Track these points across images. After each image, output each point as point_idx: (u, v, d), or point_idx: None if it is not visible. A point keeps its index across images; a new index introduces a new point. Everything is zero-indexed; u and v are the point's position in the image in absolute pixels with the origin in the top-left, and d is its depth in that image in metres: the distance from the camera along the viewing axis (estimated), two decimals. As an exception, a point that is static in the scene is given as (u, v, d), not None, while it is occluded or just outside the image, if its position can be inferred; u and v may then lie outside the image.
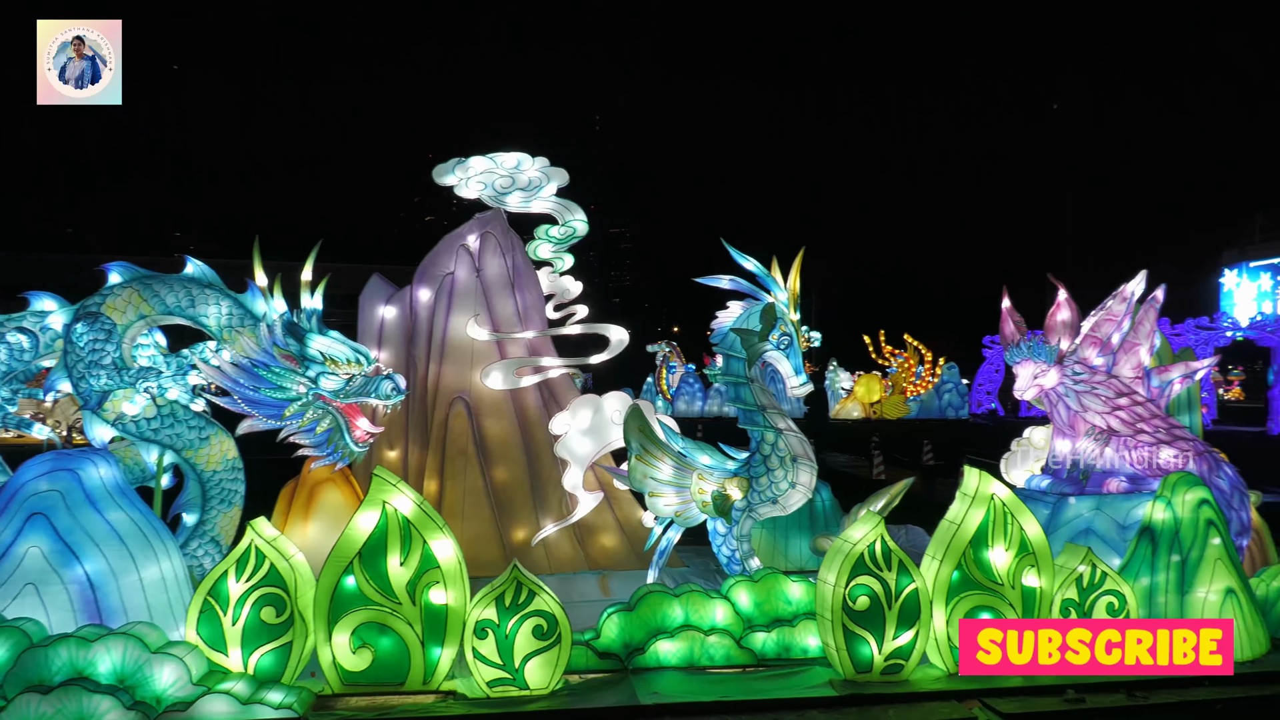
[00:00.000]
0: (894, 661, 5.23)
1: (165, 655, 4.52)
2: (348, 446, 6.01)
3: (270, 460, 7.16)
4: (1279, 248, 58.73)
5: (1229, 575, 5.65)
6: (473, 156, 7.59)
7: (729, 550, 6.31)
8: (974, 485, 5.46)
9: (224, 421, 6.10)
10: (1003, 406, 36.80)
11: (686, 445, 6.36)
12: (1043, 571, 5.45)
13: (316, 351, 5.85)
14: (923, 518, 7.14)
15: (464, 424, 7.65)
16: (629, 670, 5.35)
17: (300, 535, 6.81)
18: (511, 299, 7.86)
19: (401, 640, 4.93)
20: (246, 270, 6.10)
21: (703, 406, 37.30)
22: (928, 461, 17.10)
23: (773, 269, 6.32)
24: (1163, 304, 6.75)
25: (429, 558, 4.94)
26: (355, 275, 9.43)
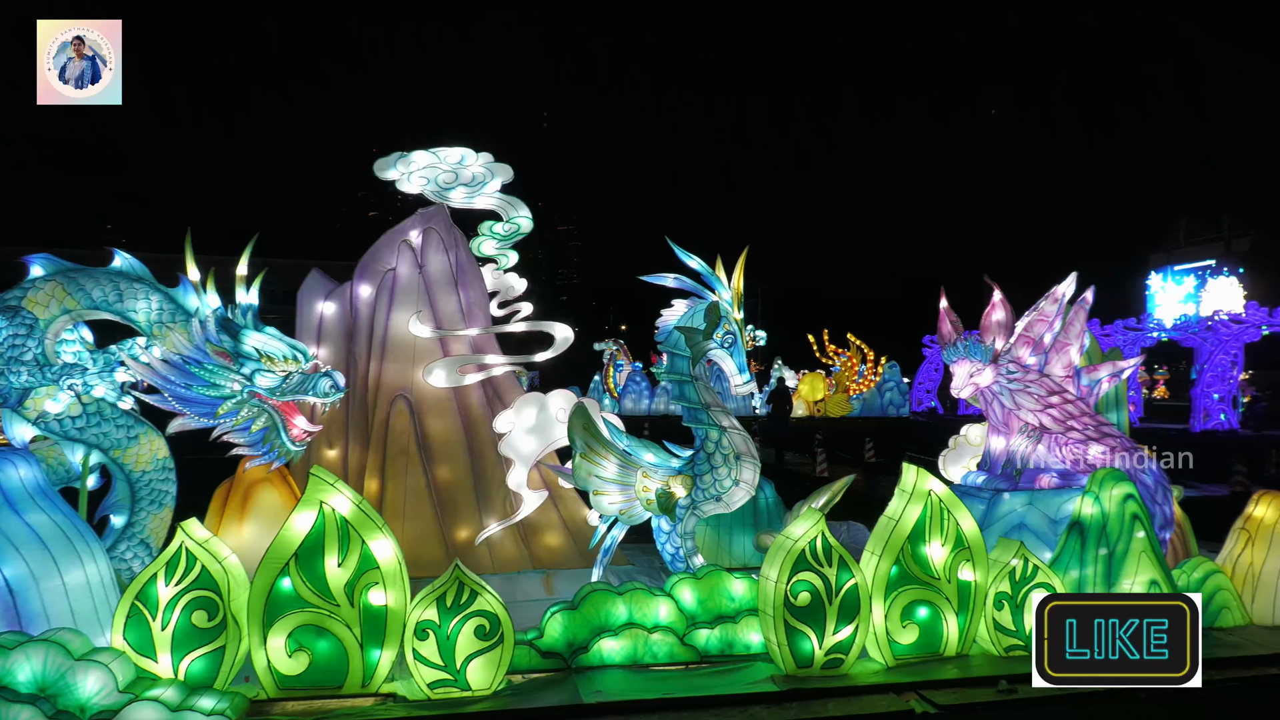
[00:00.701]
0: (834, 656, 5.31)
1: (90, 662, 4.35)
2: (284, 445, 5.87)
3: (204, 460, 6.97)
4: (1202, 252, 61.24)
5: (1153, 567, 5.87)
6: (415, 151, 7.47)
7: (673, 548, 6.33)
8: (912, 482, 5.57)
9: (154, 420, 5.91)
10: (942, 405, 37.63)
11: (631, 443, 6.37)
12: (977, 565, 5.59)
13: (252, 348, 5.70)
14: (864, 514, 7.26)
15: (406, 422, 7.54)
16: (572, 669, 5.33)
17: (235, 537, 6.64)
18: (455, 296, 7.76)
19: (339, 643, 4.84)
20: (178, 264, 5.91)
21: (650, 405, 37.39)
22: (869, 459, 17.40)
23: (717, 268, 6.35)
24: (1092, 305, 6.96)
25: (368, 558, 4.86)
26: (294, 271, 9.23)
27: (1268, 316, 25.65)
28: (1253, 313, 26.29)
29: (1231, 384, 26.08)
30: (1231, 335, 25.81)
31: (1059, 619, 4.99)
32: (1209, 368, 25.92)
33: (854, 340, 37.93)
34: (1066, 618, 4.99)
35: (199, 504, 6.59)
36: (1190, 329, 28.37)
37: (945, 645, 5.57)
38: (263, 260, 6.82)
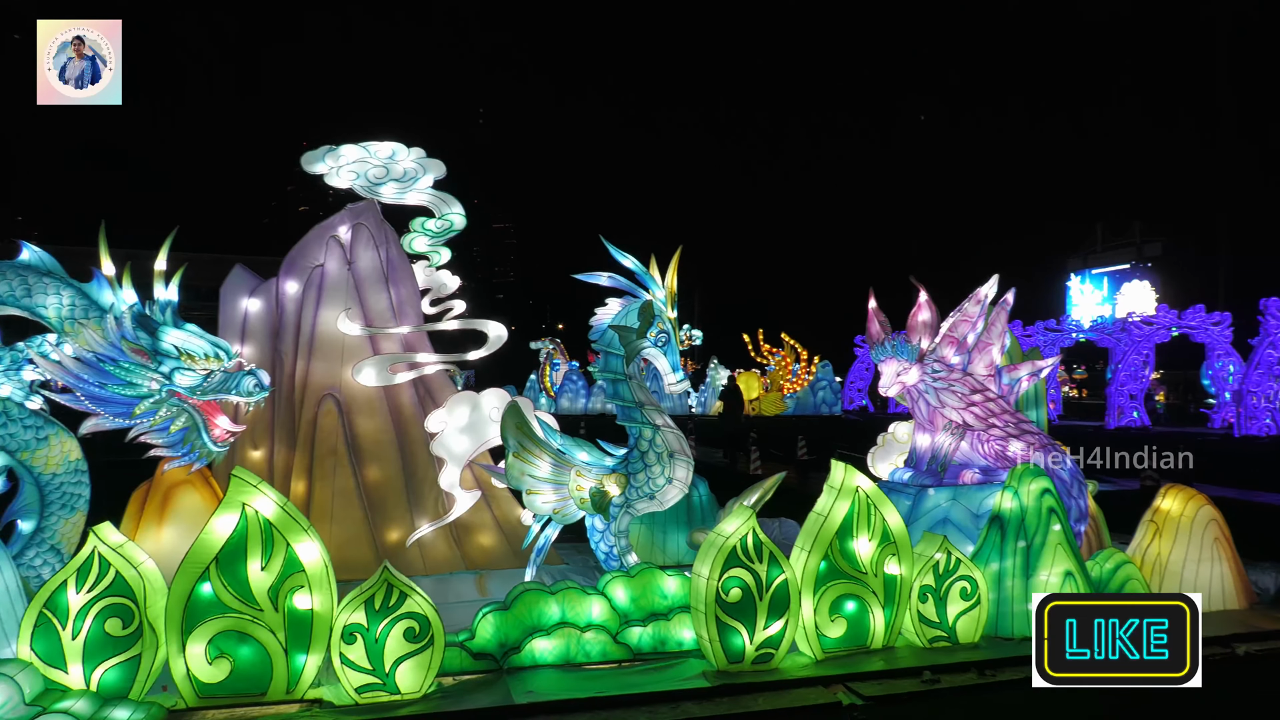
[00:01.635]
0: (765, 651, 5.38)
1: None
2: (205, 446, 5.69)
3: (120, 462, 6.71)
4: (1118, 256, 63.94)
5: (1068, 559, 6.09)
6: (345, 145, 7.31)
7: (607, 546, 6.33)
8: (840, 479, 5.68)
9: (66, 420, 5.67)
10: (873, 403, 38.46)
11: (565, 442, 6.35)
12: (903, 560, 5.73)
13: (171, 345, 5.51)
14: (797, 511, 7.37)
15: (334, 422, 7.38)
16: (504, 670, 5.29)
17: (154, 541, 6.41)
18: (385, 293, 7.63)
19: (263, 648, 4.71)
20: (92, 258, 5.68)
21: (586, 404, 37.35)
22: (802, 456, 17.66)
23: (651, 267, 6.37)
24: (1015, 307, 7.20)
25: (293, 561, 4.74)
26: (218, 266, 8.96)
27: (1177, 318, 26.88)
28: (1163, 314, 27.53)
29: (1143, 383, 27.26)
30: (1144, 336, 26.98)
31: (1059, 619, 4.97)
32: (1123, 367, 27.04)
33: (788, 340, 38.51)
34: (1067, 618, 4.98)
35: (115, 508, 6.34)
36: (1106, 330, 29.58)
37: (872, 638, 5.70)
38: (184, 255, 6.61)
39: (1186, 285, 48.88)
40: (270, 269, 7.85)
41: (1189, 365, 35.55)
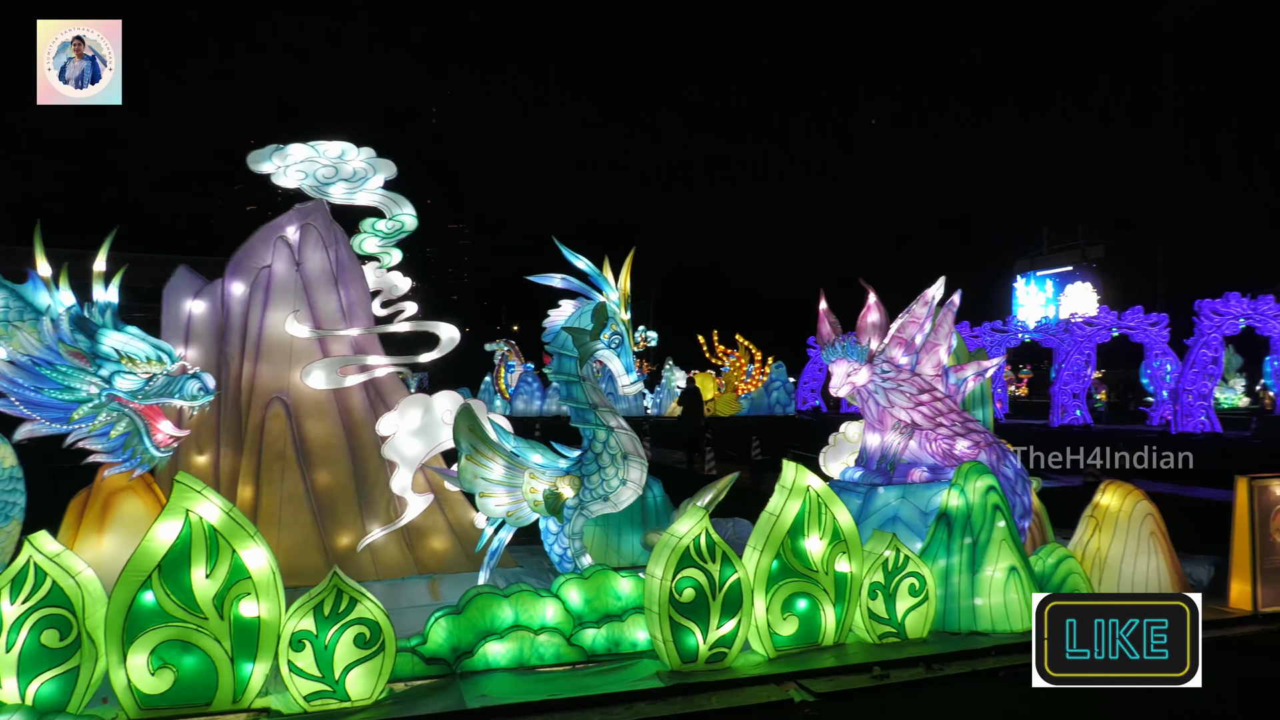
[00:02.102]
0: (718, 650, 5.42)
1: (-78, 690, 4.02)
2: (147, 451, 5.56)
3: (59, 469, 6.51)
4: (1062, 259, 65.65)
5: (1012, 554, 6.24)
6: (292, 144, 7.19)
7: (561, 548, 6.33)
8: (791, 478, 5.75)
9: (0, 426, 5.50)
10: (825, 404, 38.93)
11: (518, 444, 6.33)
12: (853, 557, 5.82)
13: (110, 348, 5.37)
14: (751, 511, 7.43)
15: (282, 426, 7.25)
16: (457, 674, 5.26)
17: (94, 550, 6.22)
18: (335, 294, 7.52)
19: (208, 657, 4.62)
20: (27, 258, 5.51)
21: (542, 406, 37.20)
22: (756, 457, 17.80)
23: (604, 269, 6.38)
24: (964, 308, 7.36)
25: (239, 568, 4.65)
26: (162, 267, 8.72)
27: (1117, 319, 27.69)
28: (1104, 315, 28.34)
29: (1085, 382, 28.02)
30: (1086, 336, 27.73)
31: (1059, 619, 4.98)
32: (1066, 367, 27.75)
33: (742, 341, 38.78)
34: (1066, 618, 4.98)
35: (53, 516, 6.15)
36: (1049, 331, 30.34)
37: (823, 635, 5.77)
38: (126, 256, 6.45)
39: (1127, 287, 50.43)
40: (216, 270, 7.68)
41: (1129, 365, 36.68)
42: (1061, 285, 62.77)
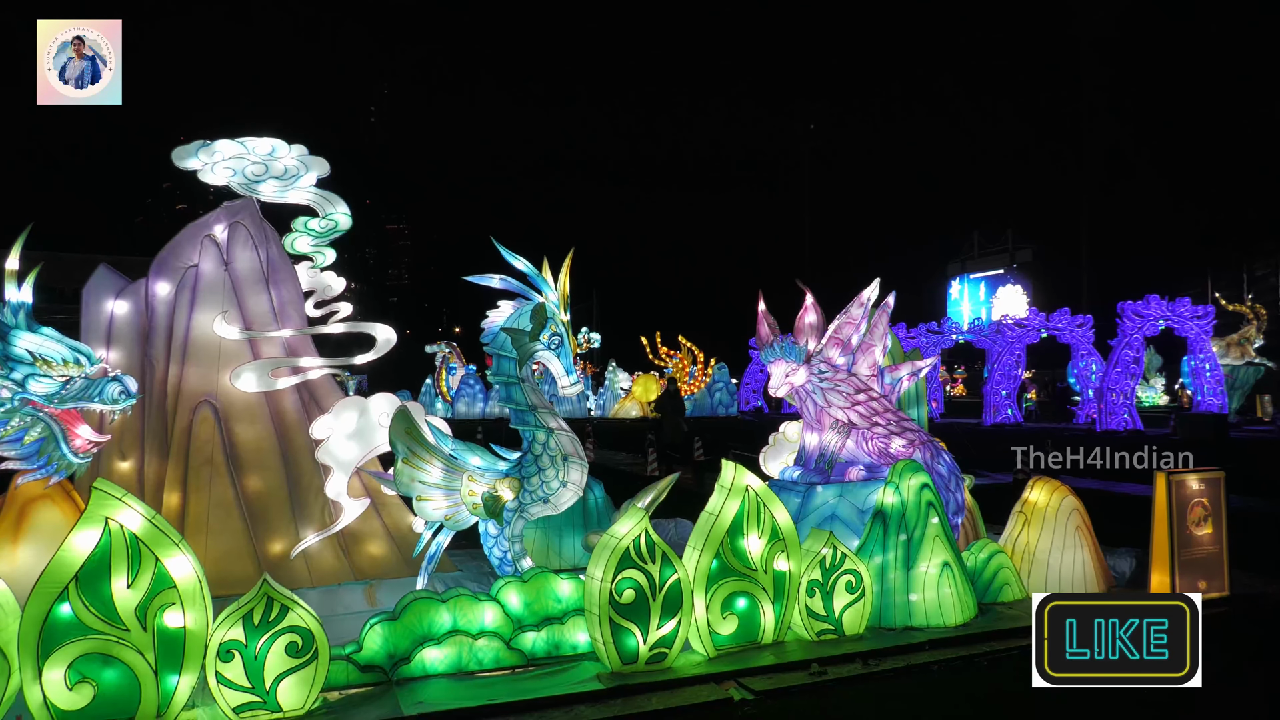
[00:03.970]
0: (658, 650, 5.43)
1: None
2: (64, 458, 5.34)
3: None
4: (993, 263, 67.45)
5: (945, 550, 6.38)
6: (220, 140, 6.98)
7: (500, 552, 6.25)
8: (730, 478, 5.79)
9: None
10: (767, 404, 39.35)
11: (456, 447, 6.24)
12: (791, 556, 5.89)
13: (24, 350, 5.14)
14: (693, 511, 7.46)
15: (211, 430, 7.03)
16: (394, 682, 5.16)
17: (8, 561, 5.95)
18: (265, 295, 7.32)
19: (130, 670, 4.44)
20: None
21: (484, 408, 36.87)
22: (699, 458, 17.91)
23: (543, 269, 6.34)
24: (899, 309, 7.50)
25: (163, 577, 4.49)
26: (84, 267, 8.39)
27: (1045, 320, 28.58)
28: (1033, 317, 29.23)
29: (1016, 381, 28.85)
30: (1016, 338, 28.55)
31: (1059, 619, 4.98)
32: (998, 367, 28.54)
33: (685, 342, 38.99)
34: (1066, 618, 4.98)
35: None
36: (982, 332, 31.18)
37: (763, 633, 5.82)
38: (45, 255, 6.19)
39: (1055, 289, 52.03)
40: (140, 270, 7.41)
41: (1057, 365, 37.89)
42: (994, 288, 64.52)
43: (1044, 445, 13.13)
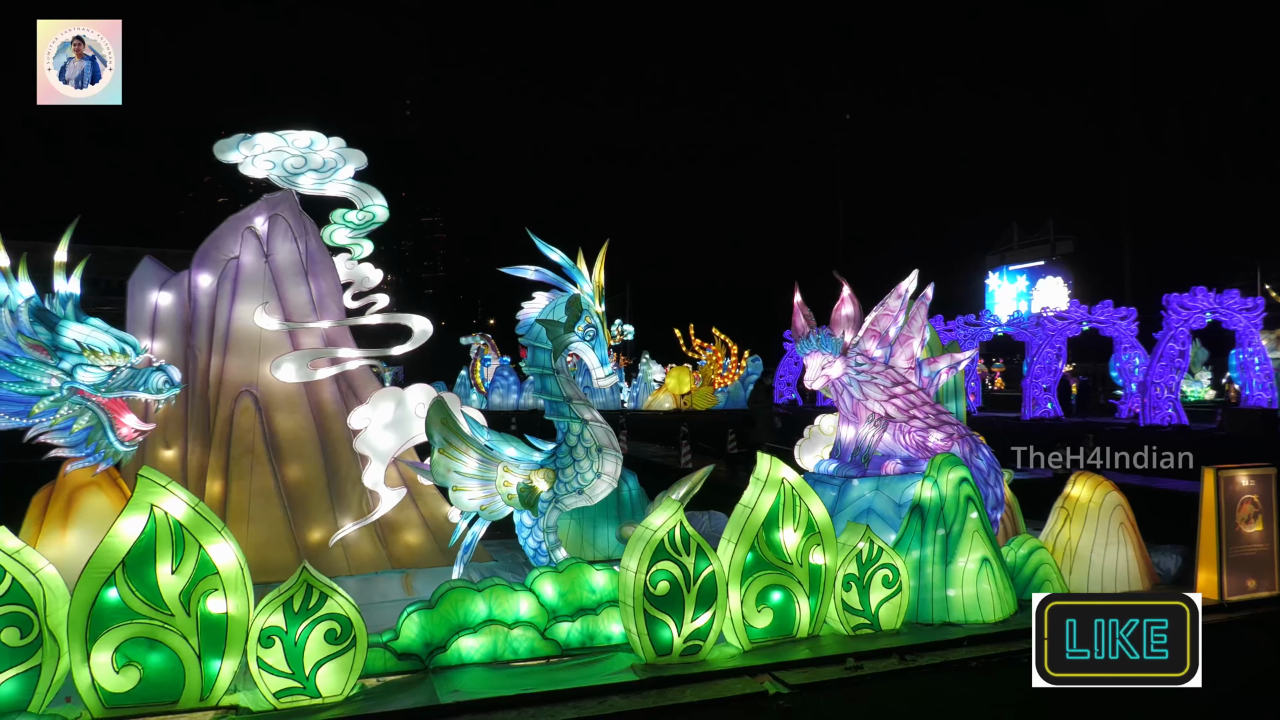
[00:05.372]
0: (693, 643, 5.42)
1: (-125, 691, 3.92)
2: (111, 446, 5.45)
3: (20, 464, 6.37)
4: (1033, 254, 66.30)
5: (984, 545, 6.29)
6: (260, 133, 7.07)
7: (535, 542, 6.28)
8: (766, 471, 5.75)
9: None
10: (801, 397, 39.11)
11: (492, 438, 6.27)
12: (827, 549, 5.84)
13: (72, 340, 5.25)
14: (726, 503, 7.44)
15: (252, 419, 7.14)
16: (430, 670, 5.21)
17: (57, 546, 6.09)
18: (305, 286, 7.41)
19: (174, 655, 4.54)
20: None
21: (518, 399, 37.11)
22: (732, 450, 17.85)
23: (578, 261, 6.33)
24: (937, 301, 7.39)
25: (206, 564, 4.57)
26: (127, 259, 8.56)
27: (1087, 313, 28.05)
28: (1074, 309, 28.70)
29: (1056, 375, 28.37)
30: (1056, 330, 28.06)
31: (1059, 619, 4.94)
32: (1038, 360, 28.08)
33: (719, 335, 38.86)
34: (1067, 617, 4.94)
35: (15, 512, 6.02)
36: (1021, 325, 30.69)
37: (798, 627, 5.78)
38: (90, 247, 6.31)
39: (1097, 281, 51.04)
40: (183, 262, 7.54)
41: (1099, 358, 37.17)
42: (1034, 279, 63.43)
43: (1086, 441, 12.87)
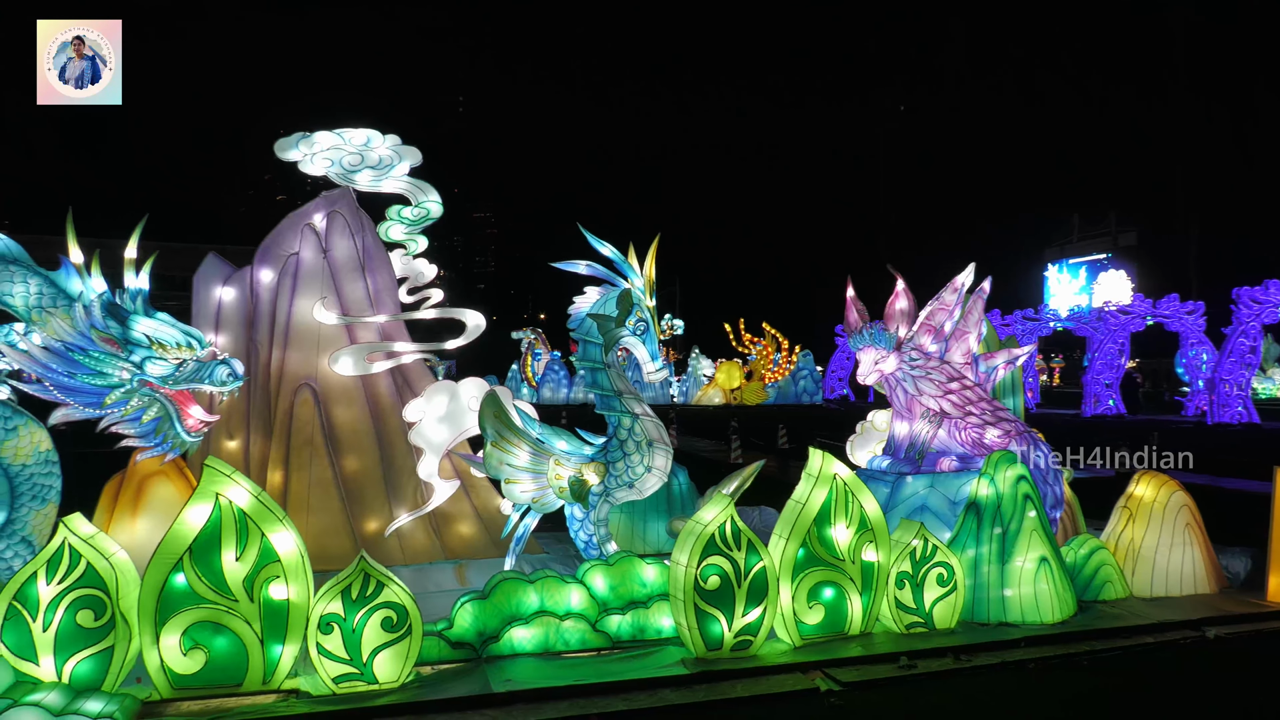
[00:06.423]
0: (743, 638, 5.40)
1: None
2: (179, 436, 5.62)
3: (93, 453, 6.62)
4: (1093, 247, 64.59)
5: (1043, 545, 6.15)
6: (319, 131, 7.23)
7: (586, 535, 6.33)
8: (818, 466, 5.70)
9: (35, 411, 5.57)
10: (853, 392, 38.66)
11: (543, 431, 6.33)
12: (880, 547, 5.77)
13: (142, 334, 5.43)
14: (777, 499, 7.39)
15: (311, 412, 7.32)
16: (483, 659, 5.28)
17: (128, 532, 6.33)
18: (361, 281, 7.56)
19: (238, 639, 4.68)
20: (59, 246, 5.59)
21: (568, 393, 37.34)
22: (782, 445, 17.74)
23: (629, 255, 6.35)
24: (993, 295, 7.23)
25: (268, 551, 4.70)
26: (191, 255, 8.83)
27: (1152, 308, 27.20)
28: (1138, 304, 27.85)
29: (1119, 371, 27.56)
30: (1119, 325, 27.26)
31: None
32: (1099, 356, 27.31)
33: (769, 329, 38.60)
34: None
35: (88, 499, 6.26)
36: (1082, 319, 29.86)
37: (850, 624, 5.73)
38: (156, 244, 6.51)
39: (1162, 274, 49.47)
40: (244, 258, 7.75)
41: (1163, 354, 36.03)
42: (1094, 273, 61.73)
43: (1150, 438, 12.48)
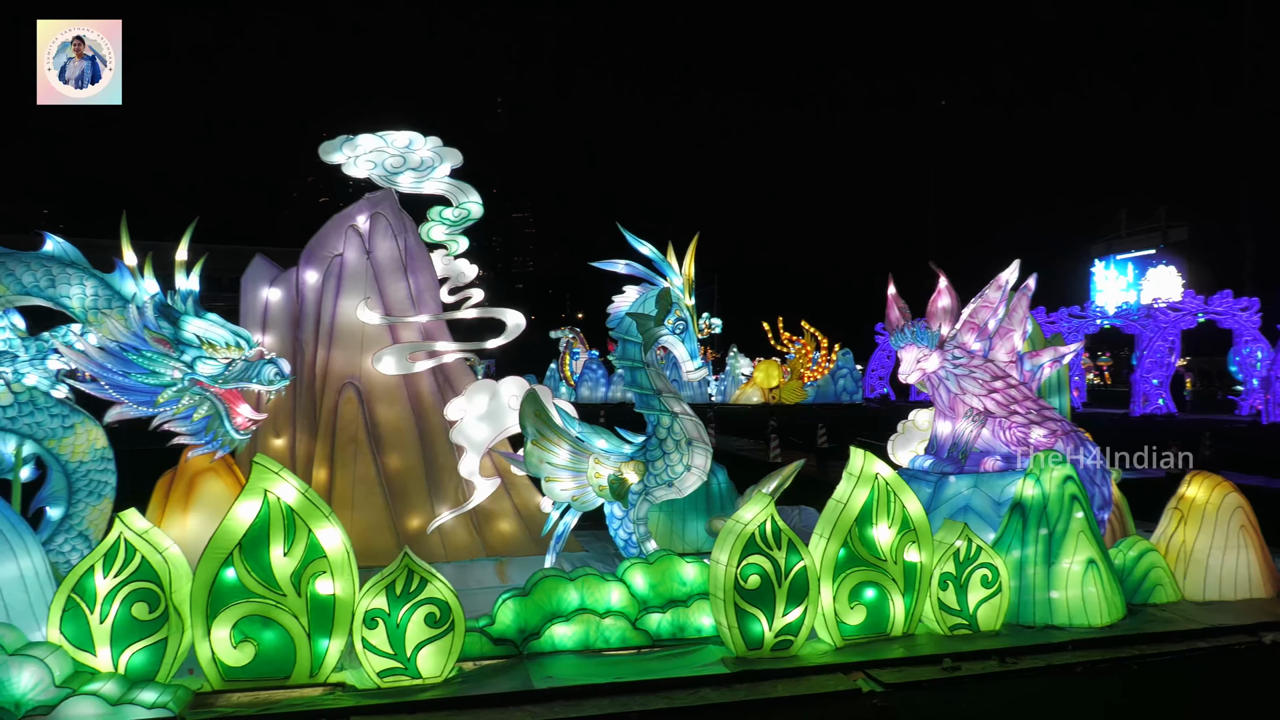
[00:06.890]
0: (784, 638, 5.38)
1: (24, 657, 4.26)
2: (228, 434, 5.75)
3: (146, 450, 6.80)
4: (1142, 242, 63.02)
5: (1090, 547, 6.03)
6: (361, 134, 7.33)
7: (626, 533, 6.35)
8: (859, 466, 5.65)
9: (91, 409, 5.75)
10: (894, 391, 38.22)
11: (583, 430, 6.36)
12: (923, 547, 5.70)
13: (192, 334, 5.56)
14: (816, 499, 7.35)
15: (355, 410, 7.43)
16: (524, 655, 5.33)
17: (179, 528, 6.50)
18: (404, 282, 7.66)
19: (286, 633, 4.77)
20: (114, 249, 5.75)
21: (606, 392, 37.46)
22: (822, 444, 17.59)
23: (668, 254, 6.35)
24: (1038, 292, 7.10)
25: (315, 547, 4.79)
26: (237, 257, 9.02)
27: (1204, 304, 26.50)
28: (1189, 300, 27.15)
29: (1169, 369, 26.90)
30: (1170, 322, 26.61)
31: None
32: (1148, 354, 26.69)
33: (808, 328, 38.31)
34: None
35: (141, 494, 6.43)
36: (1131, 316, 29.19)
37: (892, 625, 5.68)
38: (205, 246, 6.67)
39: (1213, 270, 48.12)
40: (290, 260, 7.90)
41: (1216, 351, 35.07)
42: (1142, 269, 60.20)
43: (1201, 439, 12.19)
